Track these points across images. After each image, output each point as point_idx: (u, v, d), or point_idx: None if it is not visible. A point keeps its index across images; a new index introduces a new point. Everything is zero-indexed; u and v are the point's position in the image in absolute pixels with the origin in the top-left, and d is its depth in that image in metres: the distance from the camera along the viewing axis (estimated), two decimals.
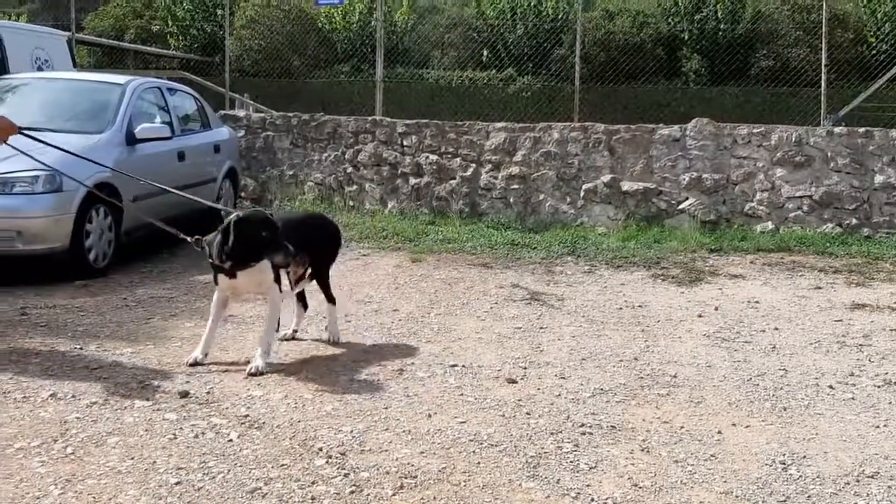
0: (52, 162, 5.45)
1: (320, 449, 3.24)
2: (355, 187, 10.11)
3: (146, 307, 5.48)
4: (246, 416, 3.56)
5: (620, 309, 5.79)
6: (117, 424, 3.43)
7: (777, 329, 5.33)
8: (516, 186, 9.43)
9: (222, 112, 10.74)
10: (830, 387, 4.20)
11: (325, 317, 5.01)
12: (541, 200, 9.37)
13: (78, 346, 4.51)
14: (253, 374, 4.10)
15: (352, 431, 3.43)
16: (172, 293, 5.90)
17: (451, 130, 9.74)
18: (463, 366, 4.39)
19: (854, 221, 8.65)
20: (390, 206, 9.89)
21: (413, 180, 9.84)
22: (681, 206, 8.98)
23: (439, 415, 3.67)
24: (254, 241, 4.06)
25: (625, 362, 4.54)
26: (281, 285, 4.48)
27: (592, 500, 2.91)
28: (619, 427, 3.58)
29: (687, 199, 8.97)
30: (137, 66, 17.00)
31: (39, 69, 9.39)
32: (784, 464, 3.25)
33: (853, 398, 4.04)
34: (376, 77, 11.16)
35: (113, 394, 3.79)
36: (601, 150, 9.22)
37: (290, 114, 10.61)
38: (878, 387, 4.21)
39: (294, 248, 4.21)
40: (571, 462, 3.21)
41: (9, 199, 5.82)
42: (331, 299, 4.81)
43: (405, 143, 9.90)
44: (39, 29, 10.90)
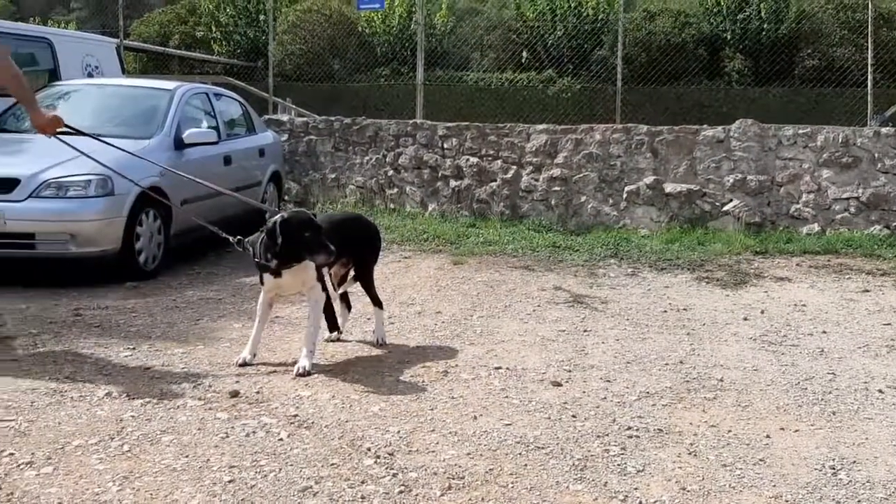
0: (107, 164, 5.57)
1: (368, 449, 3.29)
2: (396, 190, 10.18)
3: (195, 308, 5.59)
4: (295, 416, 3.63)
5: (665, 312, 5.76)
6: (171, 423, 3.52)
7: (825, 332, 5.27)
8: (557, 188, 9.41)
9: (266, 116, 10.90)
10: (880, 391, 4.14)
11: (368, 318, 5.07)
12: (582, 202, 9.34)
13: (131, 347, 4.63)
14: (300, 374, 4.17)
15: (399, 432, 3.48)
16: (220, 295, 6.01)
17: (491, 133, 9.76)
18: (507, 368, 4.41)
19: None
20: (431, 208, 9.94)
21: (453, 183, 9.87)
22: (725, 208, 8.89)
23: (485, 417, 3.69)
24: (297, 240, 4.14)
25: (670, 365, 4.53)
26: (324, 286, 4.54)
27: (640, 502, 2.91)
28: (665, 430, 3.57)
29: (731, 200, 8.88)
30: (182, 71, 17.30)
31: (90, 76, 9.63)
32: (834, 468, 3.22)
33: None
34: (417, 80, 11.23)
35: (166, 393, 3.88)
36: (644, 151, 9.17)
37: (333, 118, 10.73)
38: None
39: (335, 248, 4.29)
40: (618, 465, 3.21)
41: (62, 202, 5.97)
42: (377, 302, 4.85)
43: (445, 145, 9.94)
44: (89, 37, 11.19)
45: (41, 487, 2.90)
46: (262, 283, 4.41)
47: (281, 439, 3.37)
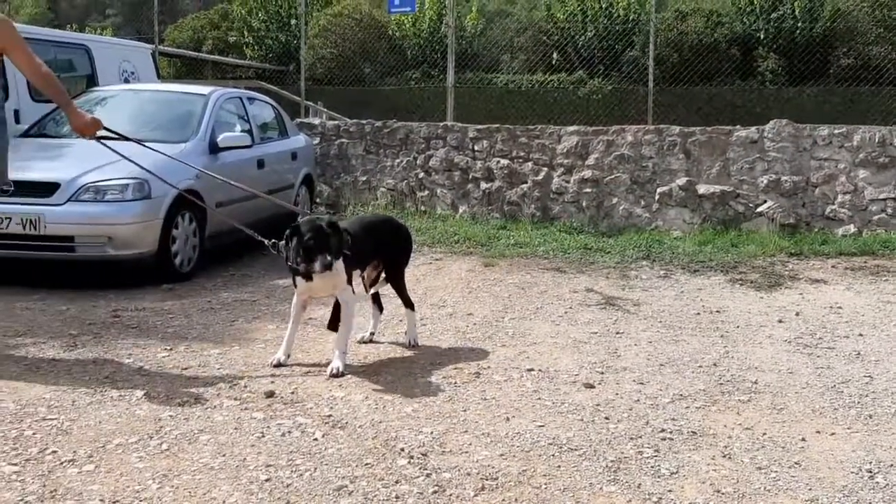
0: (146, 167, 5.66)
1: (402, 449, 3.32)
2: (427, 192, 10.22)
3: (230, 310, 5.67)
4: (329, 416, 3.67)
5: (698, 314, 5.73)
6: (208, 423, 3.57)
7: (861, 335, 5.20)
8: (589, 190, 9.39)
9: (298, 120, 11.00)
10: None
11: (400, 320, 5.10)
12: (614, 204, 9.31)
13: (168, 348, 4.71)
14: (334, 375, 4.21)
15: (432, 433, 3.50)
16: (254, 296, 6.08)
17: (522, 134, 9.76)
18: (539, 370, 4.42)
19: None
20: (461, 210, 9.97)
21: (484, 185, 9.89)
22: (759, 210, 8.81)
23: (517, 418, 3.71)
24: (300, 248, 4.20)
25: (704, 368, 4.50)
26: (353, 287, 4.58)
27: None
28: (699, 433, 3.56)
29: (765, 202, 8.80)
30: (215, 76, 17.54)
31: (126, 81, 9.80)
32: (871, 472, 3.19)
33: None
34: (447, 83, 11.26)
35: (203, 393, 3.94)
36: (676, 152, 9.11)
37: (364, 121, 10.80)
38: None
39: (365, 250, 4.44)
40: (652, 467, 3.21)
41: (100, 206, 6.08)
42: (408, 304, 4.89)
43: (476, 147, 9.96)
44: (126, 42, 11.37)
45: (83, 485, 2.96)
46: (294, 285, 4.47)
47: (316, 439, 3.41)
